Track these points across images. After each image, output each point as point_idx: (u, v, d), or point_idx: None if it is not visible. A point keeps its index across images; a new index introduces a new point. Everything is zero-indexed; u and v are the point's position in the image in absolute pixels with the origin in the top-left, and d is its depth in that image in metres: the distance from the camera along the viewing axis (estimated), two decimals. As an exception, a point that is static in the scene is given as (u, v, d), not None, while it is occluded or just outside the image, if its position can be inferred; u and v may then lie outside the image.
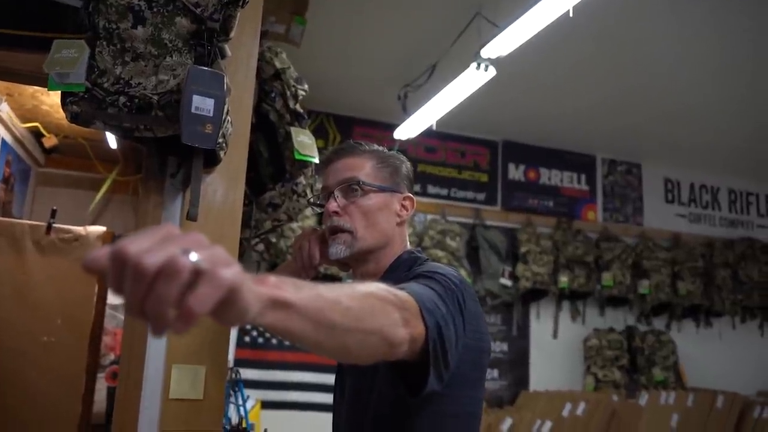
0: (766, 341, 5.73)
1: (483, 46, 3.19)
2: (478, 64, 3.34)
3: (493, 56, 3.24)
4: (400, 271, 1.26)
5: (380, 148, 1.38)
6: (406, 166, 1.39)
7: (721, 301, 5.43)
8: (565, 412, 4.35)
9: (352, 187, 1.28)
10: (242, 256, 2.00)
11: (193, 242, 0.54)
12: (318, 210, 1.38)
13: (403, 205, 1.34)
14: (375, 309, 0.81)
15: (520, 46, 3.13)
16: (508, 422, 4.31)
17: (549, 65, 4.05)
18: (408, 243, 1.38)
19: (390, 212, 1.32)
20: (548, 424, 4.30)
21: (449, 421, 1.12)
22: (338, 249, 1.28)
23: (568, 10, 2.74)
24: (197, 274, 0.53)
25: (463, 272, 4.75)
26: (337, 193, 1.29)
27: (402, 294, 0.89)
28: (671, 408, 4.30)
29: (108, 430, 1.41)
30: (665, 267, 5.29)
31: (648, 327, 5.33)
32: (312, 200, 1.40)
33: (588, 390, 4.91)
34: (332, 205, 1.28)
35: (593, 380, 4.98)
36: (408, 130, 4.41)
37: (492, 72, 3.37)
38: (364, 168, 1.31)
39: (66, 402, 2.32)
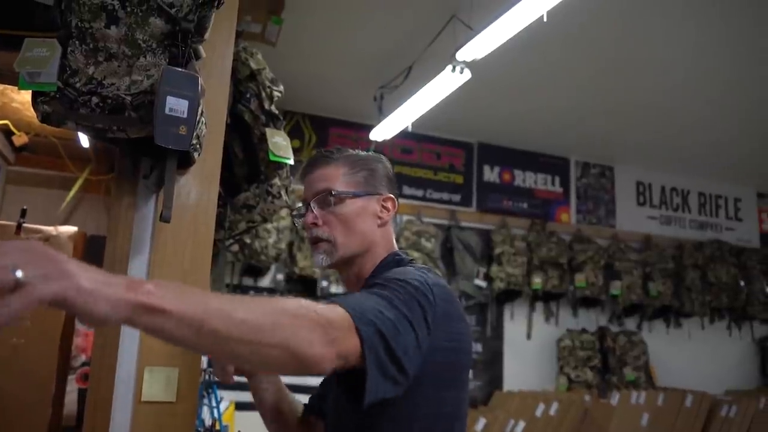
0: (734, 341, 5.85)
1: (458, 49, 3.21)
2: (454, 67, 3.36)
3: (469, 59, 3.27)
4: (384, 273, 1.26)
5: (354, 151, 1.36)
6: (384, 166, 1.37)
7: (690, 302, 5.53)
8: (538, 412, 4.40)
9: (327, 198, 1.28)
10: (216, 257, 1.99)
11: (32, 257, 0.66)
12: (299, 224, 1.38)
13: (383, 207, 1.32)
14: (278, 324, 0.84)
15: (496, 49, 3.16)
16: (481, 422, 4.35)
17: (524, 68, 4.10)
18: (394, 244, 1.36)
19: (369, 216, 1.30)
20: (521, 424, 4.34)
21: (418, 422, 1.12)
22: (319, 258, 1.29)
23: (543, 15, 2.78)
24: (17, 287, 0.64)
25: (438, 273, 4.77)
26: (313, 204, 1.30)
27: (330, 313, 0.91)
28: (642, 407, 4.37)
29: (79, 433, 1.39)
30: (636, 268, 5.38)
31: (620, 328, 5.41)
32: (294, 213, 1.41)
33: (561, 390, 4.97)
34: (309, 217, 1.29)
35: (566, 380, 5.03)
36: (384, 131, 4.42)
37: (467, 75, 3.40)
38: (336, 177, 1.30)
39: (36, 404, 2.28)
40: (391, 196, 1.34)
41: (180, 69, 1.24)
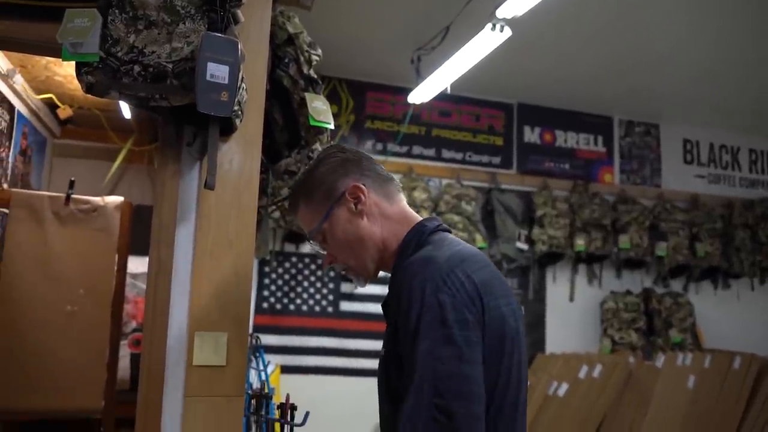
0: (785, 302, 5.70)
1: (498, 6, 3.12)
2: (494, 25, 3.27)
3: (509, 16, 3.17)
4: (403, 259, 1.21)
5: (306, 170, 1.34)
6: (332, 160, 1.30)
7: (739, 262, 5.38)
8: (582, 374, 4.38)
9: (316, 239, 1.30)
10: (259, 224, 2.00)
11: None
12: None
13: (352, 203, 1.25)
14: None
15: (536, 5, 3.06)
16: (525, 384, 4.35)
17: (565, 25, 3.97)
18: (406, 213, 1.30)
19: (348, 222, 1.25)
20: (564, 386, 4.33)
21: None
22: (358, 282, 1.32)
23: (586, -33, 2.68)
24: None
25: (478, 237, 4.74)
26: (317, 247, 1.33)
27: None
28: (688, 369, 4.31)
29: (133, 395, 1.44)
30: (683, 229, 5.25)
31: (665, 289, 5.31)
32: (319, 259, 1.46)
33: (604, 352, 4.93)
34: (325, 261, 1.33)
35: (610, 342, 4.99)
36: (422, 94, 4.36)
37: (507, 33, 3.31)
38: (306, 216, 1.31)
39: (91, 369, 2.37)
40: (351, 184, 1.26)
41: (219, 34, 1.23)
